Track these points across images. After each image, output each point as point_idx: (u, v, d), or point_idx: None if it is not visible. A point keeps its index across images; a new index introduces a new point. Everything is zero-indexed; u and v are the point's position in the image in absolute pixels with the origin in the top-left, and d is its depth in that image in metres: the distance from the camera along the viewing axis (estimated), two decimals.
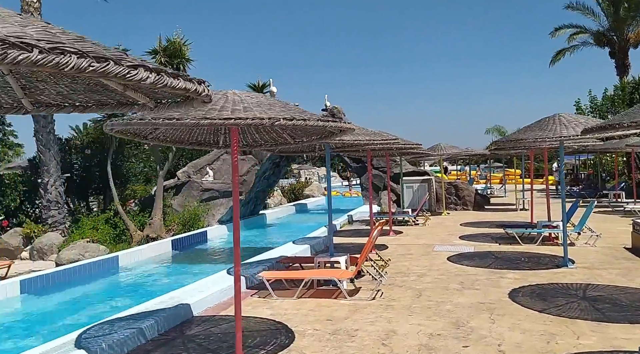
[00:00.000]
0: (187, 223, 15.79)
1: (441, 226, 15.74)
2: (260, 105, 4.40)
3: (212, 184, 17.19)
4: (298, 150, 9.06)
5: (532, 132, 8.83)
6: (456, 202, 21.52)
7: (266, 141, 5.59)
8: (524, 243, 11.47)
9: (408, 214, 16.99)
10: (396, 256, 10.68)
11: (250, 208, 19.96)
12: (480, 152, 24.76)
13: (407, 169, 23.28)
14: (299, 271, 7.61)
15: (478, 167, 48.04)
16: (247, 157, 18.03)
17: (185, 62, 14.19)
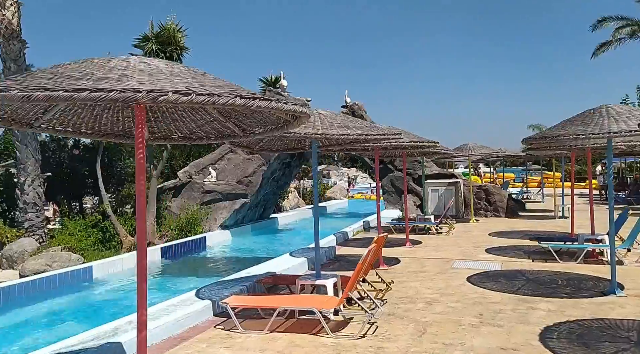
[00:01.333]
0: (184, 228, 14.62)
1: (466, 236, 14.12)
2: (179, 76, 3.02)
3: (214, 185, 16.00)
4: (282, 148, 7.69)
5: (572, 126, 7.23)
6: (486, 208, 19.80)
7: (207, 132, 4.25)
8: (562, 260, 9.82)
9: (430, 221, 15.42)
10: (406, 273, 9.20)
11: (258, 212, 18.71)
12: (515, 153, 22.93)
13: (432, 171, 21.65)
14: (272, 297, 6.25)
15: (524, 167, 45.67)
16: (253, 157, 16.77)
17: (179, 50, 13.03)
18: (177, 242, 13.50)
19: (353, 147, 8.01)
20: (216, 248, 14.81)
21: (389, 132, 6.21)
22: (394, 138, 6.55)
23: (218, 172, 16.74)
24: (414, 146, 9.40)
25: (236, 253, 14.44)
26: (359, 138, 5.76)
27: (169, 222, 14.51)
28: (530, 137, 9.37)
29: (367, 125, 6.26)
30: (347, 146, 7.31)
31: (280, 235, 18.54)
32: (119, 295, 9.63)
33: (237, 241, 16.01)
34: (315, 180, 6.95)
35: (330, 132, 5.69)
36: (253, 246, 15.51)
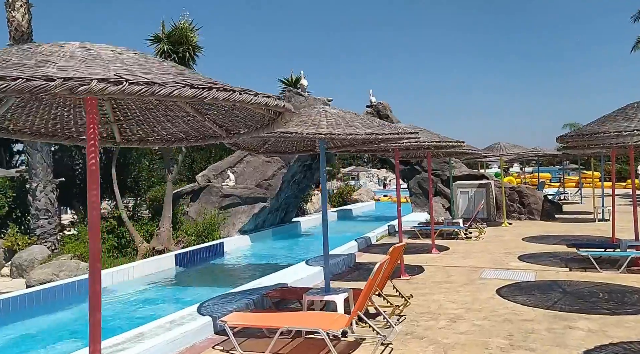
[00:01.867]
0: (201, 234, 14.24)
1: (498, 242, 13.32)
2: (122, 63, 2.49)
3: (232, 189, 15.59)
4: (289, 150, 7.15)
5: (614, 122, 6.47)
6: (520, 210, 18.86)
7: (186, 133, 3.73)
8: (604, 269, 9.01)
9: (458, 225, 14.65)
10: (430, 284, 8.53)
11: (279, 216, 18.23)
12: (550, 152, 21.89)
13: (461, 172, 20.81)
14: (275, 315, 5.70)
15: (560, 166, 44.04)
16: (273, 159, 16.30)
17: (192, 49, 12.65)
18: (192, 248, 13.11)
19: (368, 147, 7.41)
20: (234, 254, 14.37)
21: (403, 130, 5.60)
22: (410, 138, 5.93)
23: (237, 175, 16.33)
24: (437, 146, 8.73)
25: (254, 260, 13.98)
26: (368, 138, 5.17)
27: (186, 228, 14.15)
28: (566, 134, 8.60)
29: (380, 124, 5.66)
30: (360, 147, 6.73)
31: (302, 239, 18.03)
32: (127, 305, 9.25)
33: (257, 247, 15.56)
34: (324, 183, 6.38)
35: (335, 132, 5.12)
36: (272, 252, 15.02)
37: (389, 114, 22.71)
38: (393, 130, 5.44)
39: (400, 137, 5.44)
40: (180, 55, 12.52)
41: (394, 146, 8.40)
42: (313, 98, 16.62)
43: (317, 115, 5.59)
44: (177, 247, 13.36)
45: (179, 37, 12.52)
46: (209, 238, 14.24)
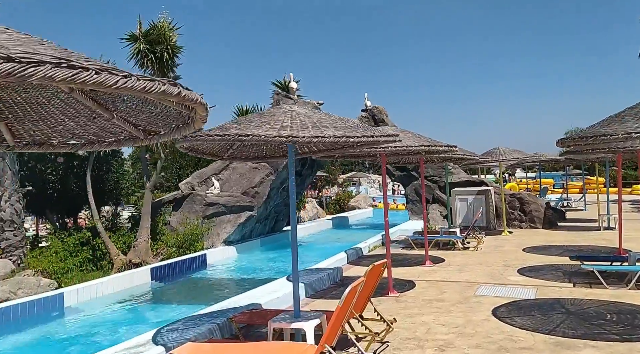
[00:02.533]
0: (183, 245, 13.53)
1: (497, 252, 12.60)
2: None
3: (217, 197, 14.88)
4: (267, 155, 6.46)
5: (621, 123, 5.77)
6: (521, 218, 18.13)
7: (97, 135, 3.03)
8: (611, 285, 8.29)
9: (455, 235, 13.92)
10: (420, 303, 7.81)
11: (269, 225, 17.52)
12: (552, 157, 21.17)
13: (460, 178, 20.11)
14: (233, 346, 4.96)
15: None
16: (260, 166, 15.60)
17: (171, 49, 11.98)
18: (171, 261, 12.40)
19: (347, 152, 6.70)
20: (217, 267, 13.65)
21: (380, 134, 4.90)
22: (387, 142, 5.23)
23: (222, 182, 15.63)
24: (427, 151, 8.03)
25: (238, 273, 13.26)
26: (337, 141, 4.47)
27: (166, 238, 13.44)
28: (568, 137, 7.88)
29: (354, 126, 4.96)
30: (334, 151, 6.02)
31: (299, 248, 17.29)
32: (89, 327, 8.53)
33: (243, 259, 14.84)
34: (293, 193, 5.67)
35: (299, 134, 4.42)
36: (259, 264, 14.30)
37: (384, 118, 22.03)
38: (367, 133, 4.74)
39: (375, 140, 4.74)
40: (158, 55, 11.86)
41: (379, 151, 7.69)
42: (303, 102, 15.95)
43: (282, 116, 4.90)
44: (156, 260, 12.65)
45: (157, 36, 11.87)
46: (191, 249, 13.53)
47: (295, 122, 4.71)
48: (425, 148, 7.42)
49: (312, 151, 6.27)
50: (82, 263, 12.18)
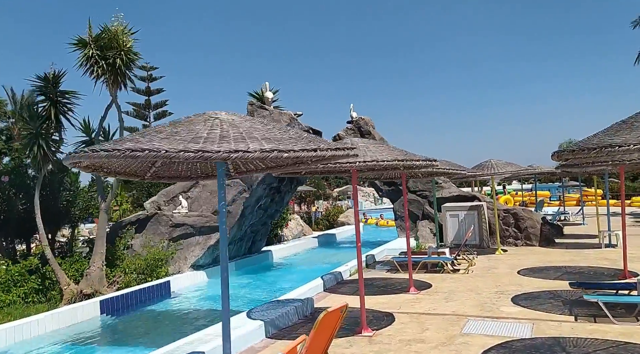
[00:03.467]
0: (144, 271, 12.38)
1: (489, 276, 11.54)
2: None
3: (184, 218, 13.77)
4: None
5: (631, 131, 4.73)
6: (516, 235, 17.09)
7: None
8: (618, 318, 7.24)
9: (445, 256, 12.84)
10: (396, 345, 6.72)
11: (245, 246, 16.40)
12: (548, 170, 20.21)
13: (451, 193, 19.08)
14: None
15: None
16: (233, 182, 14.52)
17: (125, 55, 10.92)
18: (128, 291, 11.25)
19: (301, 168, 5.65)
20: (183, 296, 12.49)
21: (327, 147, 3.86)
22: (336, 155, 4.17)
23: (191, 201, 14.54)
24: (405, 166, 6.99)
25: (206, 303, 12.10)
26: (266, 156, 3.42)
27: (125, 265, 12.29)
28: (566, 150, 6.87)
29: (295, 137, 3.91)
30: (277, 170, 4.98)
31: (272, 272, 16.16)
32: None
33: (213, 285, 13.67)
34: (223, 221, 4.61)
35: (212, 148, 3.38)
36: (231, 290, 13.11)
37: (371, 130, 21.08)
38: (309, 146, 3.70)
39: (319, 154, 3.71)
40: (110, 61, 10.81)
41: (348, 167, 6.65)
42: (278, 112, 14.93)
43: (200, 125, 3.84)
44: (111, 289, 11.50)
45: (109, 41, 10.85)
46: (153, 276, 12.38)
47: (214, 132, 3.66)
48: (399, 162, 6.39)
49: (250, 169, 5.22)
50: (28, 294, 11.03)
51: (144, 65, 44.34)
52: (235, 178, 14.01)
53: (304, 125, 15.07)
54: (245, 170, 5.21)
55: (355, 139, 6.98)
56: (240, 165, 5.07)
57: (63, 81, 11.86)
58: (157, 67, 43.03)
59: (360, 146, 6.65)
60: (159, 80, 44.66)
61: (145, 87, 44.24)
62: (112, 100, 11.67)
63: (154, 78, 44.74)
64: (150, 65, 44.44)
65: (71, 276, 11.71)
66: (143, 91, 44.12)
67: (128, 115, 42.79)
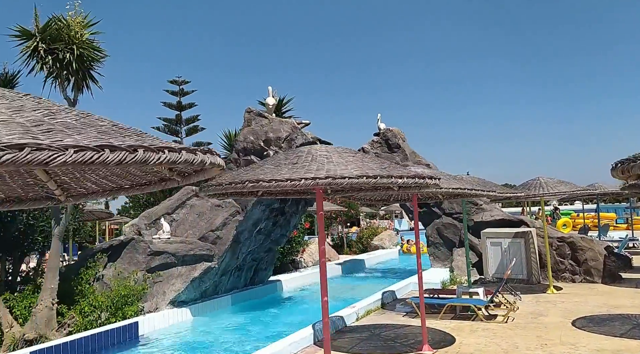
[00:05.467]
0: (108, 310, 10.58)
1: (534, 327, 9.15)
2: None
3: (165, 244, 11.95)
4: None
5: None
6: (573, 269, 14.46)
7: None
8: None
9: (477, 299, 10.46)
10: None
11: (245, 277, 14.45)
12: (612, 190, 17.46)
13: (492, 216, 16.60)
14: None
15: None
16: (225, 203, 12.62)
17: (77, 48, 9.21)
18: (78, 337, 9.44)
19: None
20: (154, 342, 10.58)
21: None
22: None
23: (176, 224, 12.72)
24: (367, 184, 4.88)
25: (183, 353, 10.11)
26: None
27: (86, 302, 10.51)
28: (634, 161, 4.55)
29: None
30: None
31: (275, 308, 14.08)
32: None
33: (199, 326, 11.76)
34: None
35: None
36: (221, 335, 11.13)
37: (400, 143, 18.90)
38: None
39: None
40: (60, 56, 9.15)
41: (313, 186, 4.63)
42: (279, 121, 12.99)
43: None
44: (59, 334, 9.73)
45: (58, 32, 9.23)
46: (118, 316, 10.56)
47: None
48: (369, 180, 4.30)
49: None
50: None
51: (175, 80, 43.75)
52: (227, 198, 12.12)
53: (310, 136, 13.08)
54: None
55: (316, 146, 4.94)
56: None
57: (19, 83, 10.37)
58: (189, 81, 42.05)
59: (318, 155, 4.62)
60: (191, 94, 43.72)
61: (176, 101, 43.44)
62: (70, 104, 10.05)
63: (186, 92, 43.71)
64: (182, 79, 43.75)
65: (18, 314, 10.04)
66: (174, 106, 43.37)
67: (159, 131, 42.03)
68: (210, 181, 4.52)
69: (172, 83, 42.21)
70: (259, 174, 4.37)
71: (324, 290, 5.47)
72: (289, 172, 4.33)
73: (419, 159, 18.72)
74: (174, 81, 43.23)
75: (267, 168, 4.57)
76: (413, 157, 18.69)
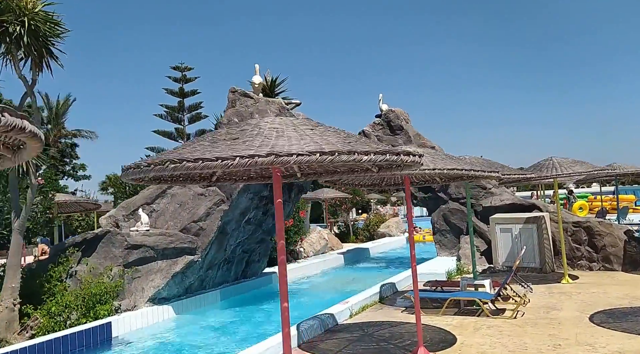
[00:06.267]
0: (78, 309, 9.79)
1: (546, 324, 8.22)
2: None
3: (143, 237, 11.12)
4: None
5: None
6: (590, 256, 13.46)
7: None
8: None
9: (483, 292, 9.52)
10: None
11: (235, 270, 13.61)
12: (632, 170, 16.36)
13: (502, 201, 15.59)
14: None
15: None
16: (208, 191, 11.75)
17: (31, 20, 8.29)
18: (41, 340, 8.65)
19: None
20: (130, 345, 9.77)
21: None
22: None
23: (156, 215, 11.88)
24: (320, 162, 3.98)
25: None
26: None
27: (53, 302, 9.72)
28: None
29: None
30: None
31: (268, 304, 13.18)
32: None
33: (183, 325, 10.95)
34: None
35: None
36: (204, 336, 10.29)
37: (403, 125, 17.90)
38: None
39: None
40: (10, 30, 8.21)
41: (270, 165, 3.74)
42: (265, 101, 12.05)
43: None
44: (22, 337, 8.95)
45: (6, 3, 8.31)
46: (89, 316, 9.77)
47: None
48: (310, 157, 3.39)
49: None
50: None
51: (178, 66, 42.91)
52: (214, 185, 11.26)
53: (302, 117, 12.11)
54: None
55: (268, 118, 4.05)
56: None
57: None
58: (192, 68, 41.07)
59: (267, 129, 3.73)
60: (194, 81, 42.71)
61: (178, 88, 42.49)
62: (30, 85, 9.17)
63: (189, 79, 42.67)
64: (185, 66, 42.85)
65: None
66: (176, 93, 42.45)
67: (161, 118, 41.21)
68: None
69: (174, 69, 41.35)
70: (185, 153, 3.48)
71: (283, 296, 4.57)
72: (226, 150, 3.44)
73: (423, 141, 17.70)
74: (177, 68, 42.35)
75: (201, 146, 3.68)
76: (417, 139, 17.67)
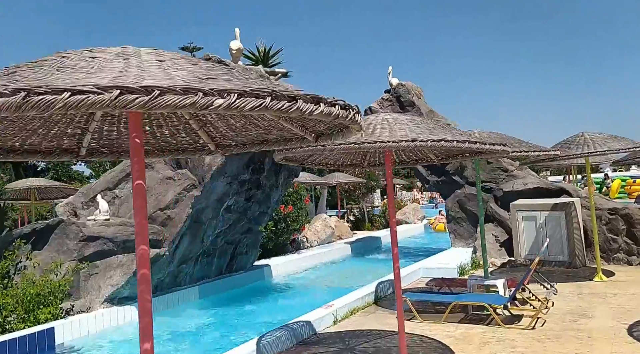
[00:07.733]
0: (15, 312, 8.50)
1: (571, 337, 6.62)
2: None
3: (101, 227, 9.78)
4: None
5: None
6: (628, 249, 11.71)
7: None
8: None
9: (495, 295, 7.92)
10: None
11: (217, 264, 12.22)
12: None
13: (525, 185, 13.84)
14: None
15: None
16: (178, 175, 10.32)
17: None
18: None
19: None
20: (78, 351, 8.47)
21: None
22: None
23: (119, 202, 10.52)
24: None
25: None
26: None
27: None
28: None
29: None
30: None
31: (255, 302, 11.80)
32: None
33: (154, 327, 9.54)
34: None
35: None
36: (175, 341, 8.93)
37: (415, 100, 16.26)
38: None
39: None
40: None
41: None
42: (243, 67, 10.52)
43: None
44: None
45: None
46: (30, 321, 8.48)
47: None
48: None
49: None
50: None
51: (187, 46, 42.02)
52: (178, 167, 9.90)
53: (293, 88, 10.57)
54: None
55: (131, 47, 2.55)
56: None
57: None
58: (202, 47, 40.10)
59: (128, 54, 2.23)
60: None
61: None
62: None
63: None
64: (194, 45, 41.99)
65: None
66: None
67: None
68: None
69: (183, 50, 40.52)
70: None
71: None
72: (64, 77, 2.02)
73: (437, 118, 16.01)
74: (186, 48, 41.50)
75: None
76: (431, 115, 15.98)
